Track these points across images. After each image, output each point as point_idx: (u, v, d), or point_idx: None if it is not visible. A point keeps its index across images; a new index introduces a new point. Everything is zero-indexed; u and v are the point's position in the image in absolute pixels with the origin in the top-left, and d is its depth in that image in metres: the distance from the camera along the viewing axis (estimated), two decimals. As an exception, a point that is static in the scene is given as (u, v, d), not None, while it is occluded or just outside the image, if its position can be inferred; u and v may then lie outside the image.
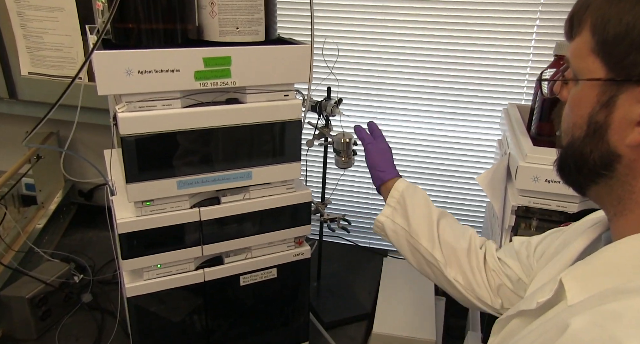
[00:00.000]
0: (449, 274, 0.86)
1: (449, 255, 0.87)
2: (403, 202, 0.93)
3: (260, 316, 1.07)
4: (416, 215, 0.91)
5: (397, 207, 0.93)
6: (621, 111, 0.47)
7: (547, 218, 0.96)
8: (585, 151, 0.51)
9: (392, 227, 0.93)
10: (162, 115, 0.83)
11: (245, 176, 0.94)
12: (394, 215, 0.93)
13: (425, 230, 0.89)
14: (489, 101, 1.42)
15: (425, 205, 0.92)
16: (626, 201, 0.50)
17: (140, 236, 0.89)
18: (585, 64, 0.49)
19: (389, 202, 0.95)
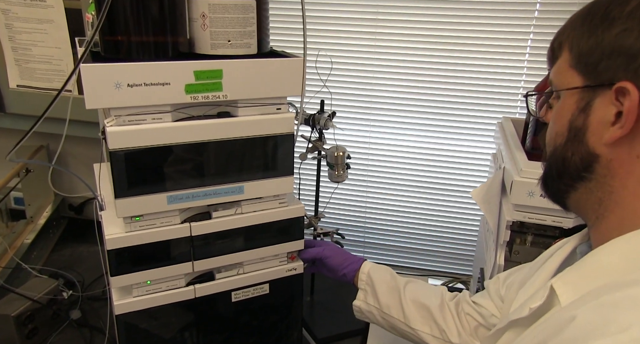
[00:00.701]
0: (424, 337, 0.89)
1: (422, 314, 0.90)
2: (371, 282, 0.96)
3: (253, 332, 1.05)
4: (383, 290, 0.94)
5: (367, 289, 0.97)
6: (597, 113, 0.52)
7: (542, 233, 0.95)
8: (567, 156, 0.55)
9: (367, 308, 0.97)
10: (152, 129, 0.82)
11: (236, 190, 0.92)
12: (366, 297, 0.97)
13: (393, 302, 0.93)
14: (483, 115, 1.42)
15: (390, 278, 0.96)
16: (606, 202, 0.53)
17: (130, 252, 0.87)
18: (565, 78, 0.55)
19: (359, 285, 0.98)
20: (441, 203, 1.54)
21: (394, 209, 1.59)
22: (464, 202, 1.52)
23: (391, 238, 1.63)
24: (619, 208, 0.52)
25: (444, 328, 0.87)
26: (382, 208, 1.60)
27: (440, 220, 1.56)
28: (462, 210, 1.53)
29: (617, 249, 0.50)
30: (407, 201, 1.57)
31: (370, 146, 1.54)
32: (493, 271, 0.94)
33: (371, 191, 1.59)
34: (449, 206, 1.54)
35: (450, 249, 1.58)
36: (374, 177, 1.57)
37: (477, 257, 1.32)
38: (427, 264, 1.62)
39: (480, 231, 1.26)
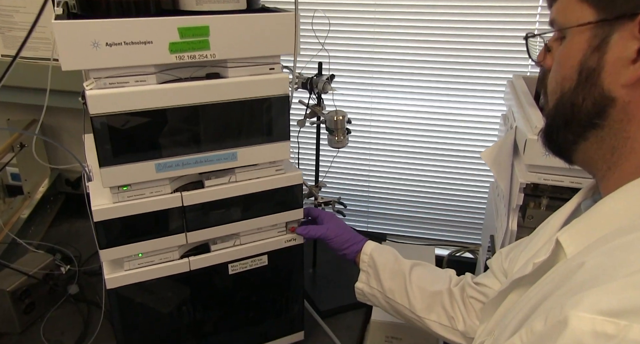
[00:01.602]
0: (430, 324, 0.84)
1: (428, 301, 0.84)
2: (373, 264, 0.91)
3: (252, 306, 1.01)
4: (386, 274, 0.89)
5: (369, 271, 0.91)
6: (615, 50, 0.46)
7: (558, 196, 0.89)
8: (576, 102, 0.49)
9: (370, 291, 0.91)
10: (135, 92, 0.76)
11: (229, 157, 0.87)
12: (369, 279, 0.91)
13: (397, 287, 0.87)
14: (492, 74, 1.35)
15: (394, 261, 0.90)
16: (621, 150, 0.48)
17: (118, 224, 0.83)
18: (573, 14, 0.49)
19: (361, 267, 0.93)
20: (448, 169, 1.48)
21: (399, 177, 1.53)
22: (472, 168, 1.46)
23: (395, 207, 1.58)
24: (635, 155, 0.47)
25: (452, 315, 0.82)
26: (385, 176, 1.54)
27: (447, 187, 1.50)
28: (469, 176, 1.47)
29: (627, 195, 0.47)
30: (412, 168, 1.51)
31: (373, 111, 1.48)
32: (505, 237, 0.89)
33: (374, 159, 1.53)
34: (456, 172, 1.48)
35: (458, 217, 1.53)
36: (377, 145, 1.51)
37: (486, 225, 1.27)
38: (434, 234, 1.57)
39: (490, 197, 1.21)
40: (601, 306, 0.34)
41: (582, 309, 0.35)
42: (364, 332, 1.18)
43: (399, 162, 1.51)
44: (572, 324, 0.35)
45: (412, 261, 0.90)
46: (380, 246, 0.93)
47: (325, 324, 1.13)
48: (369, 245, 0.93)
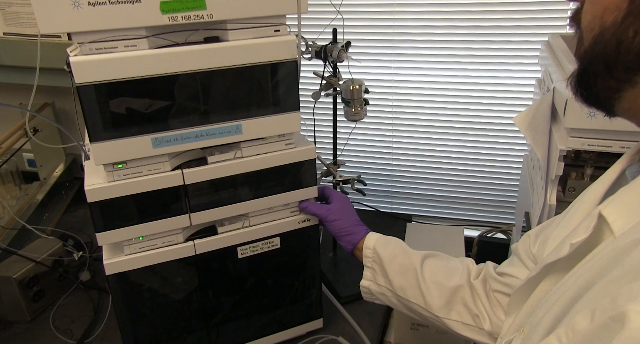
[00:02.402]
0: (452, 325, 0.73)
1: (446, 299, 0.73)
2: (378, 260, 0.80)
3: (265, 293, 0.94)
4: (395, 269, 0.78)
5: (374, 267, 0.81)
6: None
7: (604, 165, 0.79)
8: (624, 38, 0.40)
9: (378, 289, 0.81)
10: (124, 58, 0.69)
11: (233, 130, 0.79)
12: (375, 276, 0.81)
13: (409, 283, 0.76)
14: (524, 39, 1.23)
15: (402, 253, 0.79)
16: None
17: (115, 205, 0.76)
18: None
19: (365, 263, 0.82)
20: (477, 144, 1.38)
21: (424, 154, 1.44)
22: (503, 142, 1.35)
23: (421, 185, 1.48)
24: None
25: (476, 313, 0.71)
26: (410, 153, 1.45)
27: (476, 163, 1.40)
28: (501, 150, 1.36)
29: None
30: (438, 144, 1.41)
31: (395, 83, 1.37)
32: (543, 213, 0.79)
33: (397, 135, 1.43)
34: (486, 147, 1.37)
35: (489, 196, 1.43)
36: (400, 119, 1.41)
37: (520, 202, 1.16)
38: (463, 213, 1.47)
39: (523, 171, 1.10)
40: None
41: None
42: (387, 319, 1.10)
43: (424, 137, 1.41)
44: (631, 321, 0.27)
45: (423, 253, 0.79)
46: (385, 238, 0.82)
47: (345, 310, 1.05)
48: (371, 237, 0.82)
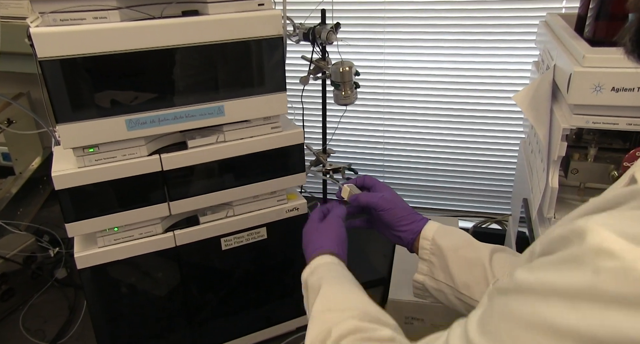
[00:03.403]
0: None
1: None
2: (438, 252, 0.69)
3: (251, 287, 0.89)
4: (458, 263, 0.68)
5: (432, 260, 0.70)
6: None
7: (607, 146, 0.74)
8: None
9: (435, 286, 0.70)
10: (93, 31, 0.63)
11: (215, 111, 0.74)
12: (432, 270, 0.70)
13: (476, 280, 0.66)
14: (517, 22, 1.19)
15: (466, 246, 0.68)
16: None
17: (86, 193, 0.70)
18: None
19: (421, 255, 0.71)
20: (471, 133, 1.33)
21: (416, 143, 1.39)
22: (497, 130, 1.31)
23: (414, 176, 1.43)
24: None
25: None
26: (402, 143, 1.40)
27: (470, 152, 1.35)
28: (495, 140, 1.32)
29: None
30: (431, 133, 1.36)
31: (386, 70, 1.32)
32: (544, 198, 0.74)
33: (389, 123, 1.38)
34: (480, 136, 1.33)
35: (483, 186, 1.38)
36: (392, 107, 1.36)
37: (517, 191, 1.12)
38: (457, 204, 1.43)
39: (520, 158, 1.06)
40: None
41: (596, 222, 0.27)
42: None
43: (416, 126, 1.37)
44: (590, 232, 0.27)
45: (491, 246, 0.69)
46: (445, 227, 0.72)
47: (337, 305, 1.00)
48: (430, 227, 0.72)
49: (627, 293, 0.25)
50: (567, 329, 0.27)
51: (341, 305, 0.55)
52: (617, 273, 0.25)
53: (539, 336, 0.28)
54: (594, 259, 0.26)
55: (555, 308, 0.28)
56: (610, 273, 0.26)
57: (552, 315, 0.28)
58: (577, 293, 0.27)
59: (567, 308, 0.27)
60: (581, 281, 0.27)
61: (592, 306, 0.26)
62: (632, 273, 0.25)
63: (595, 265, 0.26)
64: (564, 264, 0.28)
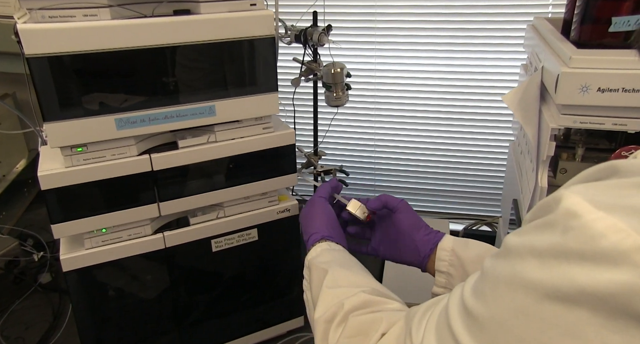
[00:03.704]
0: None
1: None
2: (458, 263, 0.66)
3: (242, 289, 0.88)
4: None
5: (451, 272, 0.67)
6: None
7: (594, 146, 0.75)
8: None
9: None
10: (83, 28, 0.62)
11: (206, 111, 0.73)
12: (452, 283, 0.66)
13: None
14: (506, 26, 1.20)
15: (488, 255, 0.63)
16: None
17: (73, 193, 0.69)
18: None
19: (438, 267, 0.67)
20: (461, 136, 1.34)
21: (407, 145, 1.39)
22: (487, 133, 1.32)
23: (404, 178, 1.43)
24: None
25: None
26: (393, 145, 1.40)
27: (460, 155, 1.36)
28: (485, 142, 1.33)
29: None
30: (422, 135, 1.37)
31: (377, 73, 1.33)
32: (534, 197, 0.75)
33: (380, 126, 1.39)
34: (470, 138, 1.33)
35: (474, 188, 1.39)
36: (383, 110, 1.37)
37: (506, 193, 1.13)
38: (448, 207, 1.43)
39: (509, 160, 1.07)
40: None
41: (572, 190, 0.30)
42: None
43: (407, 128, 1.37)
44: (565, 198, 0.29)
45: None
46: (463, 239, 0.68)
47: (328, 308, 1.00)
48: (447, 238, 0.68)
49: (583, 248, 0.27)
50: (538, 284, 0.29)
51: (351, 282, 0.56)
52: (578, 231, 0.28)
53: (516, 293, 0.30)
54: (563, 220, 0.29)
55: (530, 265, 0.30)
56: (572, 232, 0.28)
57: (527, 272, 0.30)
58: (546, 251, 0.29)
59: (538, 265, 0.29)
60: (551, 240, 0.29)
61: (557, 262, 0.28)
62: (589, 231, 0.27)
63: (564, 225, 0.29)
64: (542, 226, 0.30)
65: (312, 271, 0.60)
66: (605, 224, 0.26)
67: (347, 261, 0.61)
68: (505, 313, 0.31)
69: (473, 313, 0.34)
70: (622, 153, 0.67)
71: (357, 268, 0.60)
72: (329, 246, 0.63)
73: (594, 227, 0.27)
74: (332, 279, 0.56)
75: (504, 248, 0.33)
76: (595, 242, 0.27)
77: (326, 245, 0.63)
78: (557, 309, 0.28)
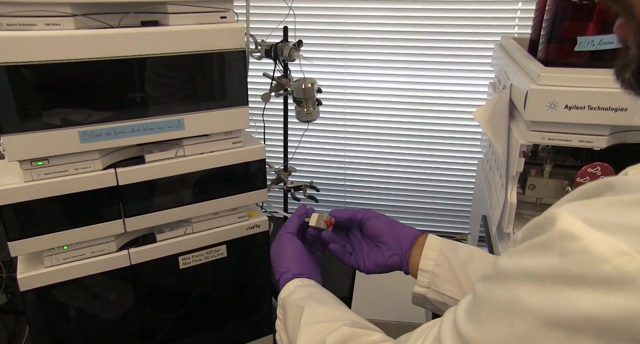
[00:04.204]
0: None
1: None
2: (446, 264, 0.64)
3: (210, 307, 0.85)
4: (470, 276, 0.63)
5: (436, 271, 0.65)
6: None
7: (561, 163, 0.77)
8: None
9: (440, 299, 0.64)
10: (44, 37, 0.60)
11: (174, 124, 0.72)
12: (436, 283, 0.64)
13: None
14: (474, 45, 1.23)
15: (476, 259, 0.64)
16: None
17: (33, 209, 0.66)
18: None
19: (423, 266, 0.65)
20: (430, 153, 1.35)
21: (378, 163, 1.40)
22: (456, 150, 1.34)
23: (375, 195, 1.44)
24: None
25: None
26: (364, 162, 1.41)
27: (430, 172, 1.37)
28: (454, 159, 1.35)
29: None
30: (391, 152, 1.38)
31: (347, 90, 1.34)
32: (503, 213, 0.75)
33: (351, 143, 1.39)
34: (439, 155, 1.35)
35: (442, 205, 1.40)
36: (354, 126, 1.37)
37: (475, 210, 1.14)
38: (416, 224, 1.44)
39: (478, 177, 1.08)
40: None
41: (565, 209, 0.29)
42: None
43: (376, 145, 1.38)
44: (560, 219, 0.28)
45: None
46: (450, 241, 0.67)
47: (298, 326, 0.98)
48: (434, 238, 0.66)
49: (585, 272, 0.26)
50: (538, 309, 0.28)
51: (330, 317, 0.54)
52: (577, 254, 0.26)
53: (514, 319, 0.29)
54: (560, 243, 0.28)
55: (528, 290, 0.28)
56: (571, 255, 0.27)
57: (525, 298, 0.28)
58: (545, 275, 0.28)
59: (537, 289, 0.28)
60: (549, 264, 0.28)
61: (557, 287, 0.27)
62: (589, 254, 0.26)
63: (560, 248, 0.27)
64: (536, 248, 0.29)
65: (287, 310, 0.58)
66: (606, 247, 0.25)
67: (322, 296, 0.60)
68: (504, 338, 0.30)
69: (468, 338, 0.32)
70: (589, 170, 0.68)
71: (334, 302, 0.58)
72: (301, 282, 0.62)
73: (595, 250, 0.26)
74: (310, 315, 0.55)
75: (497, 271, 0.32)
76: (597, 266, 0.25)
77: (298, 282, 0.62)
78: (559, 335, 0.27)
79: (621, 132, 0.67)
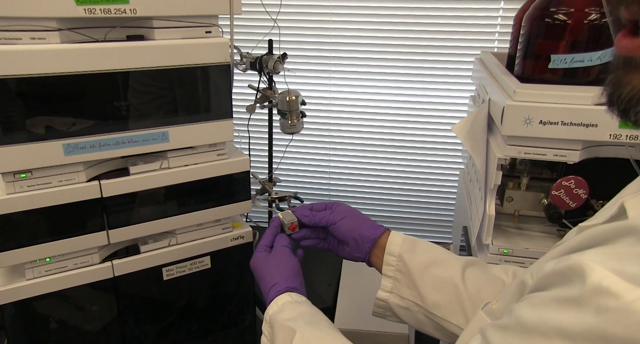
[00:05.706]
0: None
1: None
2: (405, 269, 0.64)
3: (194, 319, 0.86)
4: (428, 282, 0.62)
5: (397, 277, 0.65)
6: None
7: (538, 176, 0.79)
8: None
9: (402, 303, 0.65)
10: (30, 52, 0.61)
11: (159, 137, 0.72)
12: (398, 288, 0.65)
13: (446, 300, 0.61)
14: (456, 59, 1.26)
15: (437, 263, 0.64)
16: None
17: (15, 221, 0.66)
18: None
19: (385, 272, 0.66)
20: (412, 163, 1.38)
21: (361, 173, 1.42)
22: (439, 161, 1.36)
23: (358, 206, 1.45)
24: None
25: None
26: (346, 172, 1.42)
27: (413, 182, 1.39)
28: (436, 170, 1.37)
29: None
30: (374, 163, 1.40)
31: (331, 101, 1.36)
32: (482, 224, 0.77)
33: (334, 154, 1.41)
34: (421, 166, 1.37)
35: (426, 215, 1.42)
36: (337, 138, 1.39)
37: (457, 220, 1.16)
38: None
39: (460, 188, 1.10)
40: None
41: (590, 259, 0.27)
42: None
43: (360, 155, 1.40)
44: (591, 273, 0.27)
45: (462, 260, 0.64)
46: (411, 240, 0.66)
47: (282, 336, 0.98)
48: (394, 241, 0.66)
49: (632, 335, 0.24)
50: None
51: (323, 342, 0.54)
52: (618, 314, 0.25)
53: None
54: (595, 299, 0.26)
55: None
56: (611, 314, 0.25)
57: None
58: (580, 334, 0.26)
59: None
60: (583, 322, 0.26)
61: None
62: (632, 315, 0.24)
63: (596, 305, 0.26)
64: (566, 303, 0.28)
65: (276, 329, 0.56)
66: None
67: (314, 317, 0.58)
68: None
69: None
70: (563, 183, 0.70)
71: (325, 325, 0.57)
72: (291, 298, 0.60)
73: (638, 311, 0.24)
74: (302, 339, 0.53)
75: (517, 322, 0.30)
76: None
77: (288, 297, 0.60)
78: None
79: (593, 147, 0.69)
